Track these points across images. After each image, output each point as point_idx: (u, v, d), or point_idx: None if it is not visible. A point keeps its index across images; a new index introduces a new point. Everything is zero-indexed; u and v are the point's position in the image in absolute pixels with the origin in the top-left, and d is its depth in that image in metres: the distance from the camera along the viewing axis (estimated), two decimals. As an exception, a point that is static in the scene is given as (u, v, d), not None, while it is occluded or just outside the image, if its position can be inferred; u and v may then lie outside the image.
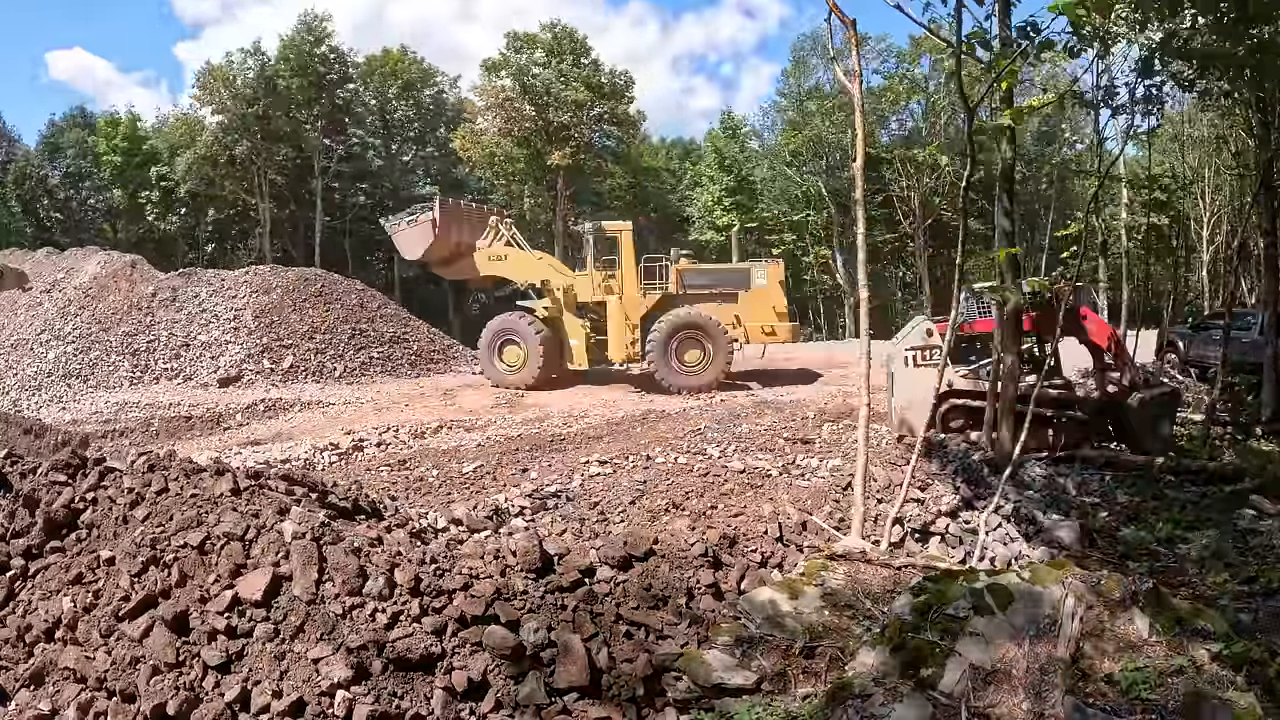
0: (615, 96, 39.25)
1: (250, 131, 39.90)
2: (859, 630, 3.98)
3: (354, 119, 43.67)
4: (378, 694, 3.36)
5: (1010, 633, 3.40)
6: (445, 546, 4.50)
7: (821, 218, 38.28)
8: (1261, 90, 11.77)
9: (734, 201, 40.64)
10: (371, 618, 3.61)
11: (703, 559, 4.90)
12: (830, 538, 5.92)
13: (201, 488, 4.54)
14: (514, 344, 15.70)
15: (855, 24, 5.79)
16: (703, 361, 14.77)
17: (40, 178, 43.77)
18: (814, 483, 7.19)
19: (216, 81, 39.23)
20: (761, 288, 15.78)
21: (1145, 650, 3.25)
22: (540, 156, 37.93)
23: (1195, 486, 8.12)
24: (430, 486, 8.46)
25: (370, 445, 10.60)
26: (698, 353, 14.80)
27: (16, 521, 4.63)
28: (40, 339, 18.44)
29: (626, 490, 7.29)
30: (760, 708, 3.46)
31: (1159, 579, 5.76)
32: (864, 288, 6.12)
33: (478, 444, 10.39)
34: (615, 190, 43.65)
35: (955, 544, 6.63)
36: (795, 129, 39.09)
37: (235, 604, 3.66)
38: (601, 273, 15.82)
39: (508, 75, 38.27)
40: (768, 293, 15.84)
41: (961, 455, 8.57)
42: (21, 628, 4.03)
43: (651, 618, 4.11)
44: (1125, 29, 7.34)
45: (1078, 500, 8.16)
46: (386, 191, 43.60)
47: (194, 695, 3.40)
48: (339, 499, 5.35)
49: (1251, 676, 3.07)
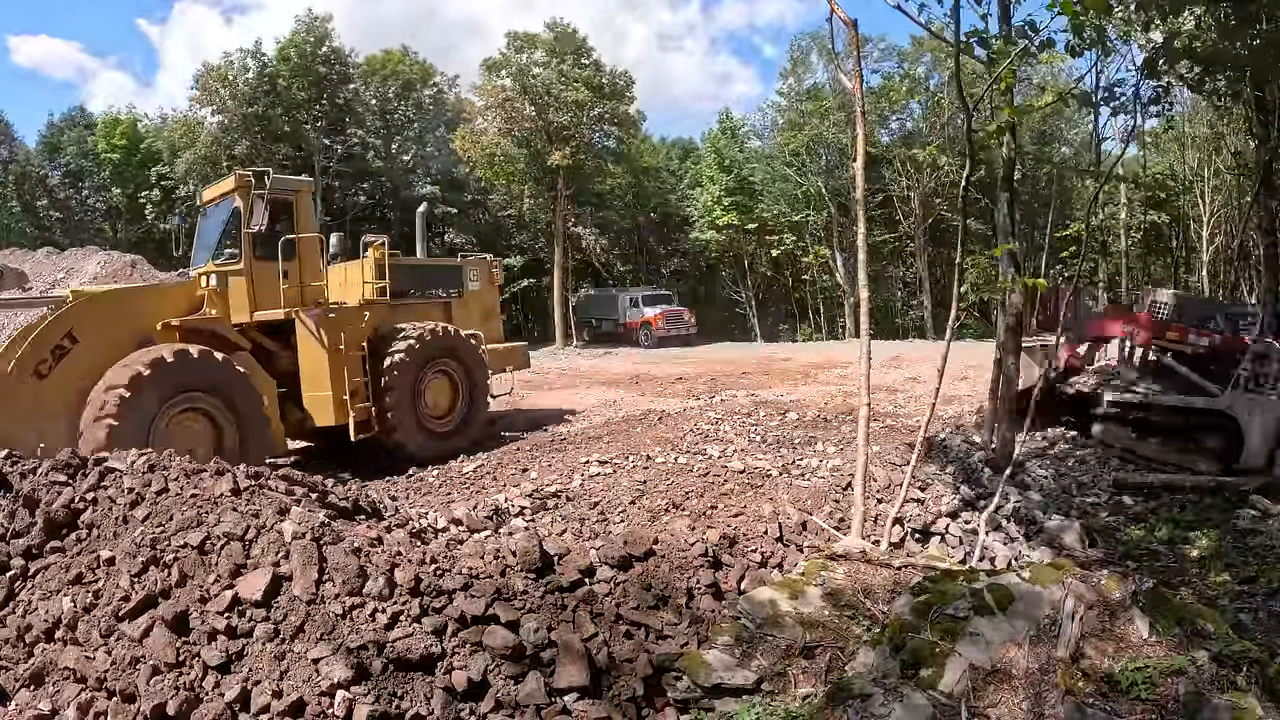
0: (615, 97, 39.25)
1: (250, 131, 39.91)
2: (859, 630, 3.98)
3: (354, 119, 43.69)
4: (378, 694, 3.36)
5: (1010, 633, 3.40)
6: (445, 546, 4.50)
7: (821, 218, 38.29)
8: (1261, 90, 11.78)
9: (734, 201, 40.66)
10: (371, 618, 3.61)
11: (703, 559, 4.90)
12: (830, 538, 5.92)
13: (201, 488, 4.55)
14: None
15: (856, 24, 5.79)
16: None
17: (40, 177, 43.77)
18: (814, 483, 7.19)
19: (216, 81, 39.24)
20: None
21: (1145, 650, 3.25)
22: (540, 156, 37.93)
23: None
24: (430, 486, 8.46)
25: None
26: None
27: (16, 521, 4.64)
28: (40, 339, 18.43)
29: (626, 490, 7.29)
30: (760, 708, 3.46)
31: (1159, 579, 5.78)
32: (864, 288, 6.12)
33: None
34: (615, 190, 43.66)
35: (955, 544, 6.63)
36: (795, 129, 39.09)
37: (235, 604, 3.66)
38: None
39: (508, 75, 38.30)
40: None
41: (962, 455, 8.58)
42: (21, 628, 4.03)
43: (651, 618, 4.11)
44: (1126, 28, 7.35)
45: (1078, 500, 8.17)
46: (387, 191, 43.63)
47: (194, 695, 3.40)
48: (339, 499, 5.35)
49: (1251, 676, 3.07)
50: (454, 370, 9.90)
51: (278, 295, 8.71)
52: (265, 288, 8.74)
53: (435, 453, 9.34)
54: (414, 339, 9.36)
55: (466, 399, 10.00)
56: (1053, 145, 38.59)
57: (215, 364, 7.79)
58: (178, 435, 7.35)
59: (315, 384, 8.83)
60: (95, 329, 7.51)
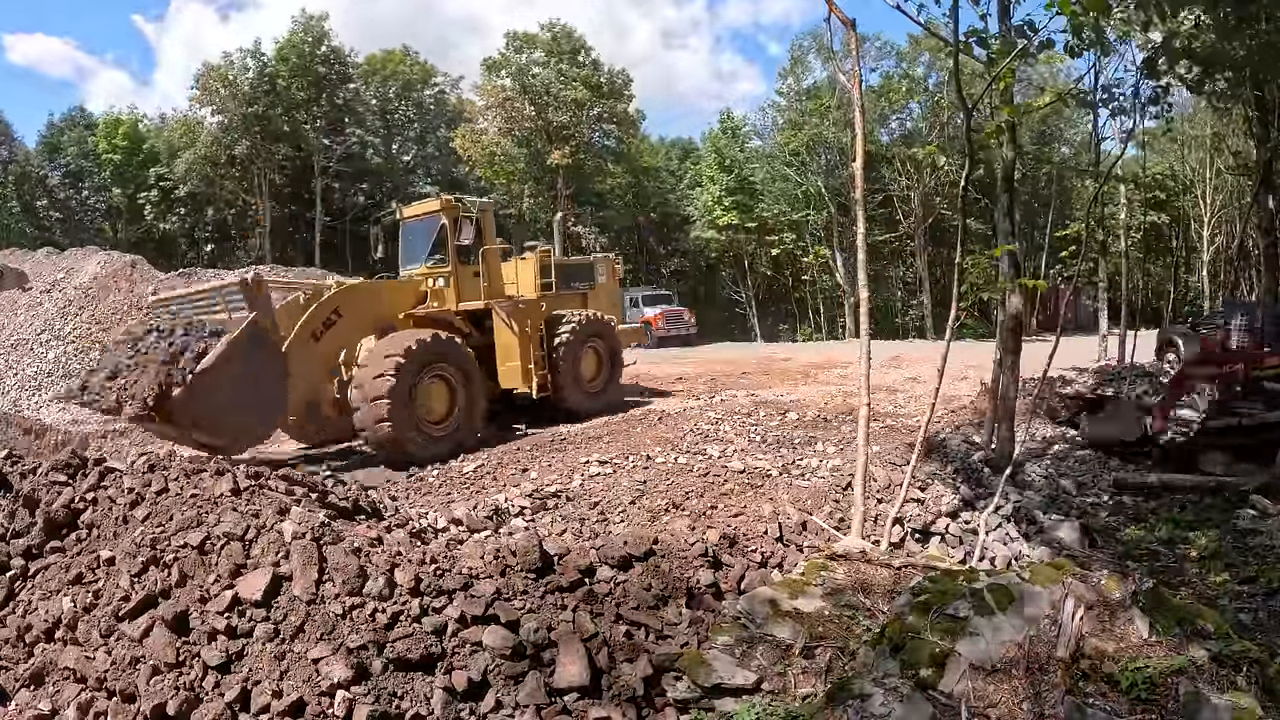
0: (614, 96, 39.27)
1: (250, 131, 39.92)
2: (859, 630, 3.98)
3: (354, 119, 43.71)
4: (378, 694, 3.36)
5: (1010, 633, 3.40)
6: (445, 546, 4.50)
7: (821, 217, 38.29)
8: (1261, 90, 11.79)
9: (734, 201, 40.68)
10: (371, 618, 3.62)
11: (703, 559, 4.90)
12: (830, 538, 5.92)
13: (201, 488, 4.55)
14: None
15: (855, 24, 5.78)
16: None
17: (40, 178, 43.78)
18: (814, 483, 7.19)
19: (216, 81, 39.25)
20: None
21: (1145, 650, 3.25)
22: (540, 156, 37.96)
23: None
24: (430, 486, 8.47)
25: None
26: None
27: (16, 521, 4.64)
28: (40, 339, 18.43)
29: (626, 490, 7.29)
30: (760, 708, 3.46)
31: (1159, 579, 5.77)
32: (864, 288, 6.12)
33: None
34: (615, 190, 43.67)
35: (955, 544, 6.63)
36: (795, 128, 39.09)
37: (235, 604, 3.66)
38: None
39: (507, 75, 38.31)
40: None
41: (962, 455, 8.58)
42: (21, 628, 4.03)
43: (651, 618, 4.12)
44: (1125, 28, 7.35)
45: (1078, 500, 8.17)
46: (387, 191, 43.61)
47: (194, 695, 3.40)
48: (339, 499, 5.35)
49: (1251, 676, 3.07)
50: (600, 346, 12.58)
51: (477, 291, 11.42)
52: (467, 285, 11.45)
53: (590, 409, 11.97)
54: (576, 323, 11.95)
55: (609, 367, 12.74)
56: (1053, 145, 38.60)
57: (453, 344, 10.37)
58: (427, 393, 9.92)
59: (508, 357, 11.46)
60: (353, 309, 10.13)
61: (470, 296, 11.46)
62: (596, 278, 14.27)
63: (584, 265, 14.73)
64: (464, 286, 11.43)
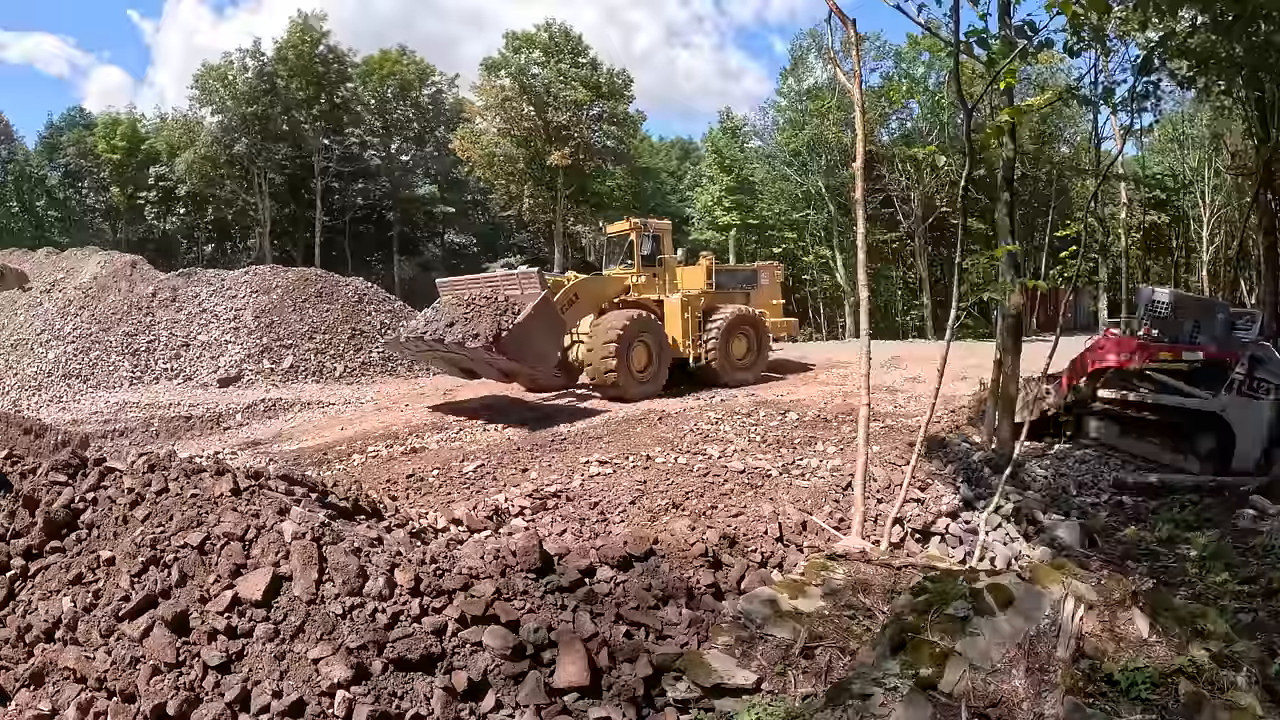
0: (614, 96, 39.24)
1: (249, 131, 39.90)
2: (859, 630, 3.98)
3: (352, 118, 43.68)
4: (378, 694, 3.36)
5: (1010, 633, 3.40)
6: (445, 546, 4.50)
7: (821, 217, 38.27)
8: (1260, 90, 11.78)
9: (734, 201, 40.64)
10: (371, 618, 3.61)
11: (703, 559, 4.90)
12: (830, 538, 5.92)
13: (201, 488, 4.54)
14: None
15: (855, 24, 5.79)
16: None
17: (39, 178, 43.77)
18: (814, 483, 7.19)
19: (215, 81, 39.23)
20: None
21: (1145, 650, 3.25)
22: (540, 156, 37.92)
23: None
24: (430, 486, 8.45)
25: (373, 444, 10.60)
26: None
27: (16, 521, 4.63)
28: (40, 339, 18.43)
29: (626, 490, 7.29)
30: (760, 708, 3.46)
31: (1159, 579, 5.78)
32: (864, 288, 6.12)
33: (479, 444, 10.40)
34: (615, 190, 43.66)
35: (955, 544, 6.63)
36: (795, 128, 39.08)
37: (235, 604, 3.66)
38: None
39: (507, 75, 38.27)
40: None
41: (962, 455, 8.58)
42: (21, 628, 4.02)
43: (651, 618, 4.11)
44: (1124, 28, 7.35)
45: (1078, 500, 8.17)
46: (386, 191, 43.62)
47: (194, 695, 3.39)
48: (339, 499, 5.35)
49: (1251, 676, 3.07)
50: (749, 333, 15.90)
51: (657, 287, 15.51)
52: (651, 283, 15.53)
53: (738, 380, 15.24)
54: (727, 315, 15.41)
55: (756, 348, 16.02)
56: (1052, 145, 38.57)
57: (651, 320, 14.17)
58: (636, 353, 13.63)
59: (675, 334, 15.01)
60: (585, 294, 13.93)
61: (653, 291, 15.47)
62: (759, 281, 17.91)
63: (748, 271, 18.75)
64: (650, 283, 15.47)
